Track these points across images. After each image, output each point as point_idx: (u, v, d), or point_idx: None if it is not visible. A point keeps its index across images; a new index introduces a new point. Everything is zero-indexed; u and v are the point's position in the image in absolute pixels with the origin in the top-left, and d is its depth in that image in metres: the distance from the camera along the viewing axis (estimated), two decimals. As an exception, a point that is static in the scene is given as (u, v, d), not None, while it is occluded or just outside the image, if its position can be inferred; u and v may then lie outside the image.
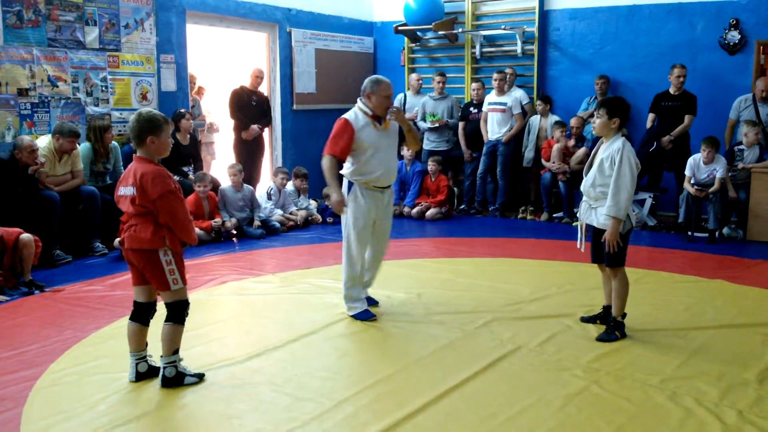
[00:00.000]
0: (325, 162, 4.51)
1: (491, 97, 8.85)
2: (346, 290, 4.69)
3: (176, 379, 3.49)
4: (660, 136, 7.87)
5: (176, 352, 3.50)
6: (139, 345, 3.58)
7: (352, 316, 4.64)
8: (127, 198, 3.37)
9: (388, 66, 10.62)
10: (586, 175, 4.26)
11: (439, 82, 9.19)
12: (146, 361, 3.61)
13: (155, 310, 3.60)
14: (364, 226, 4.61)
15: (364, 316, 4.61)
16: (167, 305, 3.46)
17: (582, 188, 4.30)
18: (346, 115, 4.60)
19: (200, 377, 3.59)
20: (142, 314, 3.55)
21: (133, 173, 3.36)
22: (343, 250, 4.70)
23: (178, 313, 3.46)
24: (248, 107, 8.40)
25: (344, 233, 4.68)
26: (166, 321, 3.47)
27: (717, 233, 7.23)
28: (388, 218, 4.82)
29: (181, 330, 3.50)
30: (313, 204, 8.53)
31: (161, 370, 3.49)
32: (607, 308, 4.45)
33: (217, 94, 9.90)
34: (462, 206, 9.27)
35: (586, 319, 4.54)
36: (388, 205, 4.76)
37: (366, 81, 4.63)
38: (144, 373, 3.59)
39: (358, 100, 4.65)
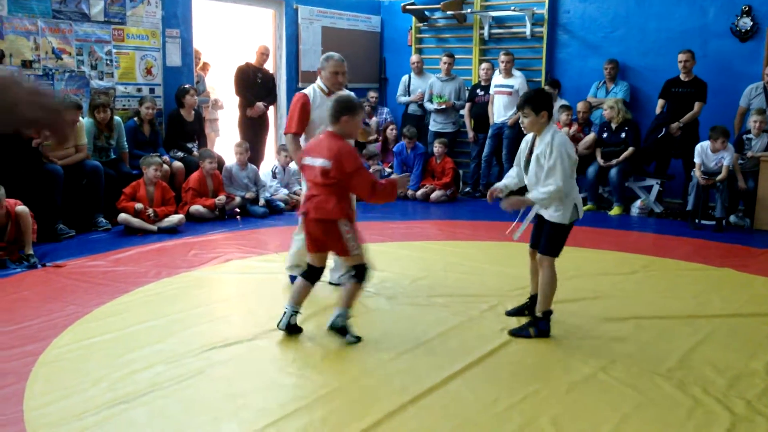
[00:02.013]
0: (288, 144, 4.65)
1: (498, 79, 8.76)
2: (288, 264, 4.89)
3: (341, 330, 3.77)
4: (669, 122, 7.81)
5: (349, 307, 3.78)
6: (299, 299, 3.89)
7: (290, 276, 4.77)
8: (316, 168, 3.63)
9: (395, 46, 10.53)
10: (526, 172, 3.99)
11: (446, 63, 9.11)
12: (297, 315, 3.89)
13: (323, 272, 3.97)
14: None
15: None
16: (353, 267, 3.77)
17: (527, 184, 4.01)
18: (304, 90, 4.69)
19: (358, 339, 3.80)
20: (312, 275, 3.91)
21: (328, 147, 3.62)
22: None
23: (360, 273, 3.76)
24: (253, 84, 8.32)
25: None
26: (351, 278, 3.79)
27: (724, 221, 7.18)
28: None
29: (362, 288, 3.85)
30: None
31: (333, 317, 3.77)
32: (533, 297, 4.25)
33: (222, 70, 9.81)
34: (467, 189, 9.23)
35: (511, 312, 4.35)
36: None
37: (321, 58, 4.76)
38: (293, 326, 3.88)
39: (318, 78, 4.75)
